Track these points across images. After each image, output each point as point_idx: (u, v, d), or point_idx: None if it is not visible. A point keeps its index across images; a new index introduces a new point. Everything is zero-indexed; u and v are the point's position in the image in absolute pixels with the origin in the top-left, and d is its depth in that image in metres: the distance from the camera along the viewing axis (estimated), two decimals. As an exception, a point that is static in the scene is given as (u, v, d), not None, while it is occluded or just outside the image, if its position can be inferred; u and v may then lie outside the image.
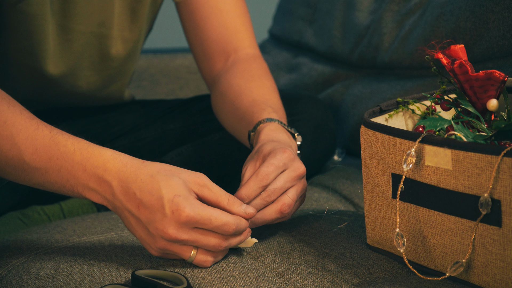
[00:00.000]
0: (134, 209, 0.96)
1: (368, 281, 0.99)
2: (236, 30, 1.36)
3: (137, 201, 0.96)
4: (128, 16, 1.38)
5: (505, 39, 1.33)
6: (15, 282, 1.02)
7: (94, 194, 0.99)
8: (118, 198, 0.97)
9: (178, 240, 0.95)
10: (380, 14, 1.64)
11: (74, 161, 0.99)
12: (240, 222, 0.97)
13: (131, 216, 0.97)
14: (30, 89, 1.38)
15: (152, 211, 0.95)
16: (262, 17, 2.28)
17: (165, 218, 0.94)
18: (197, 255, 0.97)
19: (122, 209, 0.98)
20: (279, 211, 1.01)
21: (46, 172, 1.01)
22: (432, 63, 1.04)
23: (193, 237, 0.95)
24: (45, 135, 1.01)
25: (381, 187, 0.99)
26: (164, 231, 0.94)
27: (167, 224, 0.94)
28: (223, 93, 1.31)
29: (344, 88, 1.70)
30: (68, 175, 1.00)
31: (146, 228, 0.96)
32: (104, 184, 0.98)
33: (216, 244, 0.96)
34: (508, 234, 0.85)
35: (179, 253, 0.97)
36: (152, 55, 2.07)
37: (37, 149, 1.01)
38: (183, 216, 0.94)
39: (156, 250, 0.97)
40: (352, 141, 1.61)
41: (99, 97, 1.48)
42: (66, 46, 1.33)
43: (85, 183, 0.99)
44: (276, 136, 1.12)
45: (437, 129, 1.00)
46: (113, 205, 0.99)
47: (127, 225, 0.99)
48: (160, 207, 0.94)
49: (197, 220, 0.94)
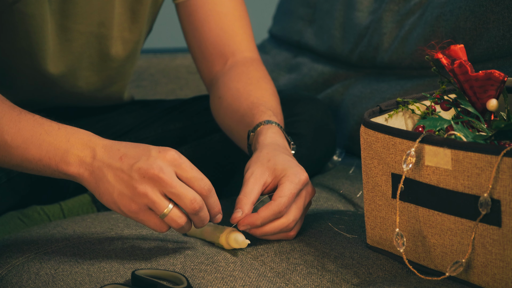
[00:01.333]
0: (116, 161, 0.97)
1: (368, 281, 0.99)
2: (234, 33, 1.36)
3: (120, 154, 0.97)
4: (129, 17, 1.38)
5: (505, 39, 1.33)
6: (15, 282, 1.02)
7: (73, 160, 0.99)
8: (101, 158, 0.98)
9: (160, 178, 0.94)
10: (380, 14, 1.64)
11: (58, 135, 1.01)
12: (215, 194, 0.98)
13: (111, 171, 0.97)
14: (29, 89, 1.38)
15: (136, 156, 0.96)
16: (262, 17, 2.28)
17: (150, 158, 0.96)
18: (172, 210, 0.96)
19: (102, 168, 0.98)
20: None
21: (26, 148, 1.01)
22: (432, 63, 1.04)
23: (174, 181, 0.95)
24: (28, 118, 1.03)
25: (381, 187, 0.99)
26: (148, 168, 0.95)
27: (152, 161, 0.95)
28: (221, 96, 1.31)
29: (344, 88, 1.70)
30: (49, 146, 1.00)
31: (128, 175, 0.96)
32: (87, 149, 0.99)
33: (194, 198, 0.95)
34: (507, 234, 0.86)
35: (157, 203, 0.95)
36: (152, 55, 2.07)
37: (20, 128, 1.02)
38: (169, 155, 0.95)
39: (135, 200, 0.96)
40: (352, 141, 1.61)
41: (99, 98, 1.48)
42: (66, 46, 1.33)
43: (67, 150, 0.99)
44: (279, 140, 1.13)
45: (437, 129, 1.00)
46: (90, 169, 0.98)
47: (103, 186, 0.98)
48: (146, 151, 0.97)
49: (181, 162, 0.95)
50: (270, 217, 1.01)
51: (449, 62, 1.01)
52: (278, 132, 1.15)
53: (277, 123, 1.17)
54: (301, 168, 1.05)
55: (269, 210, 1.01)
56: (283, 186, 1.02)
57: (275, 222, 1.02)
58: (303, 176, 1.04)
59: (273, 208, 1.01)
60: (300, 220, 1.06)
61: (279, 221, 1.02)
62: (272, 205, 1.01)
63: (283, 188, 1.02)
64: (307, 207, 1.08)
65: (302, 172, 1.04)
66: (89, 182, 0.99)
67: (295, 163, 1.06)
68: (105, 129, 1.50)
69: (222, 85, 1.32)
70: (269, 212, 1.01)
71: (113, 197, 0.97)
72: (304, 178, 1.04)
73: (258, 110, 1.20)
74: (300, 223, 1.06)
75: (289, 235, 1.05)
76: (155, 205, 0.96)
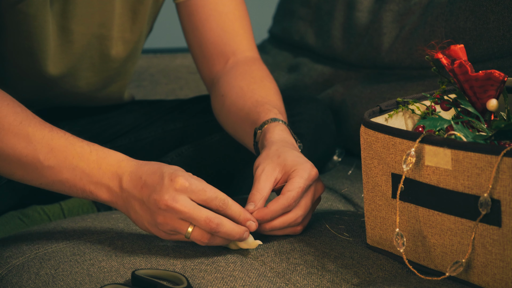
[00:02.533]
0: (138, 192, 1.00)
1: (368, 281, 0.99)
2: (234, 33, 1.36)
3: (141, 184, 1.00)
4: (129, 17, 1.38)
5: (505, 39, 1.33)
6: (15, 282, 1.02)
7: (105, 190, 1.03)
8: (126, 188, 1.02)
9: (172, 208, 0.97)
10: (380, 14, 1.64)
11: (90, 160, 1.04)
12: (233, 204, 0.99)
13: (136, 202, 1.01)
14: (30, 89, 1.38)
15: (152, 186, 0.99)
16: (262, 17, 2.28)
17: (162, 188, 0.98)
18: (194, 231, 0.98)
19: (129, 199, 1.01)
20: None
21: (59, 171, 1.04)
22: (432, 63, 1.04)
23: (186, 208, 0.97)
24: (60, 136, 1.05)
25: (381, 187, 0.99)
26: (160, 199, 0.98)
27: (164, 192, 0.98)
28: (224, 94, 1.31)
29: (344, 88, 1.70)
30: (82, 173, 1.03)
31: (147, 207, 0.99)
32: (116, 179, 1.02)
33: (207, 218, 0.97)
34: (507, 234, 0.86)
35: (177, 228, 0.98)
36: (152, 55, 2.07)
37: (53, 148, 1.04)
38: (179, 183, 0.97)
39: (159, 229, 1.00)
40: (352, 141, 1.61)
41: (99, 98, 1.48)
42: (67, 47, 1.33)
43: (99, 180, 1.03)
44: (287, 137, 1.13)
45: (437, 129, 1.00)
46: (121, 198, 1.02)
47: (134, 215, 1.02)
48: (160, 180, 0.99)
49: (192, 189, 0.98)
50: (279, 211, 1.02)
51: (449, 62, 1.01)
52: (285, 130, 1.15)
53: (284, 121, 1.17)
54: (311, 164, 1.05)
55: (278, 204, 1.02)
56: (293, 180, 1.03)
57: (284, 217, 1.03)
58: (313, 171, 1.04)
59: (282, 202, 1.02)
60: (308, 215, 1.06)
61: (288, 216, 1.03)
62: (281, 199, 1.02)
63: (292, 183, 1.03)
64: (316, 203, 1.08)
65: (312, 167, 1.05)
66: (121, 208, 1.04)
67: (304, 159, 1.06)
68: (105, 129, 1.50)
69: (224, 83, 1.32)
70: (279, 206, 1.02)
71: (144, 225, 1.02)
72: (313, 174, 1.04)
73: (263, 108, 1.21)
74: (308, 219, 1.07)
75: (296, 230, 1.06)
76: (177, 229, 0.99)
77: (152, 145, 1.50)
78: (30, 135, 1.04)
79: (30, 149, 1.03)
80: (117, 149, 1.07)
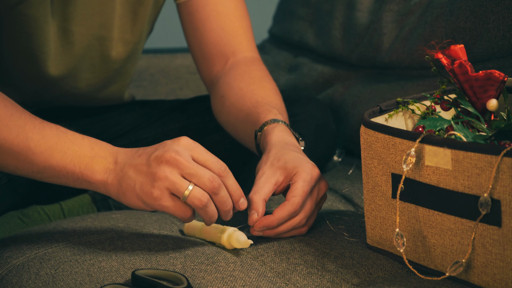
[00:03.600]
0: (135, 158, 1.01)
1: (368, 281, 0.99)
2: (234, 33, 1.36)
3: (140, 152, 1.01)
4: (130, 19, 1.37)
5: (505, 39, 1.33)
6: (15, 282, 1.02)
7: (97, 167, 1.02)
8: (122, 160, 1.01)
9: (177, 160, 0.97)
10: (380, 14, 1.64)
11: (83, 143, 1.04)
12: (232, 176, 1.01)
13: (131, 168, 1.00)
14: (30, 89, 1.38)
15: (153, 149, 1.00)
16: (262, 17, 2.28)
17: (166, 145, 0.99)
18: (193, 189, 0.97)
19: (124, 168, 1.01)
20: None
21: (51, 155, 1.03)
22: (432, 63, 1.04)
23: (190, 163, 0.98)
24: (51, 126, 1.06)
25: (381, 187, 0.99)
26: (164, 153, 0.98)
27: (168, 148, 0.98)
28: (223, 95, 1.31)
29: (344, 88, 1.70)
30: (74, 154, 1.03)
31: (147, 165, 0.99)
32: (110, 157, 1.02)
33: (212, 176, 0.97)
34: (508, 234, 0.86)
35: (177, 183, 0.97)
36: (152, 55, 2.07)
37: (44, 135, 1.04)
38: (182, 140, 0.99)
39: (156, 186, 0.98)
40: (352, 141, 1.61)
41: (99, 98, 1.48)
42: (67, 48, 1.33)
43: (91, 157, 1.03)
44: (287, 138, 1.13)
45: (437, 129, 1.00)
46: (114, 172, 1.01)
47: (125, 185, 1.01)
48: (162, 143, 1.00)
49: (194, 147, 0.99)
50: (285, 217, 1.02)
51: (449, 62, 1.01)
52: (285, 130, 1.15)
53: (283, 121, 1.17)
54: (312, 164, 1.05)
55: (284, 211, 1.02)
56: (296, 185, 1.03)
57: (289, 221, 1.03)
58: (315, 172, 1.04)
59: (288, 208, 1.02)
60: (313, 215, 1.06)
61: (293, 220, 1.04)
62: (287, 205, 1.02)
63: (296, 187, 1.03)
64: (321, 202, 1.08)
65: (313, 167, 1.05)
66: (112, 186, 1.02)
67: (305, 159, 1.06)
68: (105, 129, 1.50)
69: (224, 84, 1.32)
70: (284, 213, 1.02)
71: (135, 190, 1.00)
72: (315, 174, 1.04)
73: (263, 109, 1.20)
74: (313, 218, 1.07)
75: (302, 231, 1.06)
76: (176, 185, 0.97)
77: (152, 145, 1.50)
78: (21, 126, 1.04)
79: (22, 138, 1.03)
80: (117, 149, 1.06)
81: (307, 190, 1.03)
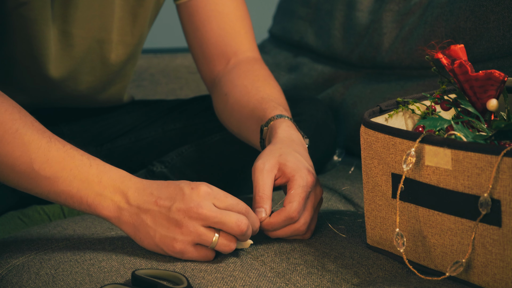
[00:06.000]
0: (152, 205, 0.98)
1: (368, 280, 0.99)
2: (235, 33, 1.36)
3: (154, 198, 0.98)
4: (130, 21, 1.37)
5: (505, 39, 1.33)
6: (15, 282, 1.02)
7: (107, 202, 0.99)
8: (136, 203, 0.99)
9: (201, 214, 0.95)
10: (380, 14, 1.64)
11: (90, 173, 1.00)
12: (251, 211, 1.00)
13: (149, 216, 0.98)
14: (31, 90, 1.38)
15: (171, 198, 0.97)
16: (262, 17, 2.28)
17: (185, 196, 0.96)
18: (220, 238, 0.97)
19: (140, 214, 0.98)
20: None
21: (55, 182, 1.00)
22: (432, 63, 1.04)
23: (214, 212, 0.96)
24: (58, 148, 1.01)
25: (381, 187, 0.99)
26: (187, 207, 0.96)
27: (188, 200, 0.96)
28: (227, 93, 1.31)
29: (344, 88, 1.70)
30: (81, 185, 1.00)
31: (168, 218, 0.97)
32: (120, 194, 0.99)
33: (238, 220, 0.96)
34: (508, 234, 0.86)
35: (205, 235, 0.96)
36: (152, 55, 2.07)
37: (49, 159, 1.00)
38: (202, 190, 0.96)
39: (180, 240, 0.97)
40: (352, 141, 1.61)
41: (99, 100, 1.48)
42: (68, 51, 1.33)
43: (100, 191, 0.99)
44: (294, 134, 1.13)
45: (437, 129, 1.00)
46: (128, 213, 0.99)
47: (144, 231, 0.99)
48: (179, 191, 0.97)
49: (215, 195, 0.97)
50: (281, 223, 1.02)
51: (449, 62, 1.01)
52: (292, 126, 1.15)
53: (290, 118, 1.17)
54: (308, 170, 1.05)
55: (279, 217, 1.02)
56: (292, 191, 1.03)
57: (288, 227, 1.03)
58: (310, 178, 1.04)
59: (284, 215, 1.02)
60: (313, 220, 1.06)
61: (291, 226, 1.03)
62: (284, 212, 1.02)
63: (293, 194, 1.03)
64: (319, 206, 1.08)
65: (308, 174, 1.04)
66: (127, 226, 1.00)
67: (303, 164, 1.06)
68: (105, 129, 1.50)
69: (227, 82, 1.32)
70: (280, 219, 1.02)
71: (154, 241, 0.99)
72: (311, 181, 1.04)
73: (269, 105, 1.20)
74: (314, 223, 1.07)
75: (305, 237, 1.06)
76: (202, 237, 0.97)
77: (152, 145, 1.50)
78: (26, 144, 1.00)
79: (25, 158, 1.00)
80: (117, 149, 1.06)
81: (303, 197, 1.02)
